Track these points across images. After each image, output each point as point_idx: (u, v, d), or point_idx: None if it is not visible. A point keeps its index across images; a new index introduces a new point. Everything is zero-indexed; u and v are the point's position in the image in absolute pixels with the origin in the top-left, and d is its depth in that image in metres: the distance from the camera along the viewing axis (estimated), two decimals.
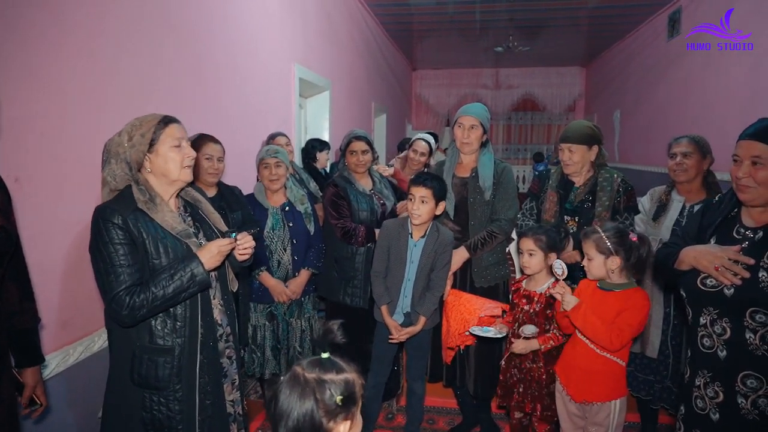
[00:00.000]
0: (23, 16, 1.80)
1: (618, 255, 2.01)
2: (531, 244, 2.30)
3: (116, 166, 1.61)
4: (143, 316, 1.54)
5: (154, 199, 1.63)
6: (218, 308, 1.77)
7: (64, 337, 2.03)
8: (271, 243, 2.77)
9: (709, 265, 1.59)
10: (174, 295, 1.56)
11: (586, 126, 2.56)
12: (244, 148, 3.44)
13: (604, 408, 2.08)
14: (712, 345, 1.62)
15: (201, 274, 1.58)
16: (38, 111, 1.85)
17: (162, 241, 1.60)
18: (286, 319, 2.83)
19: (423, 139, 3.87)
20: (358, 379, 1.14)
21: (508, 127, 12.05)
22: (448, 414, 3.08)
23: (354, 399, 1.12)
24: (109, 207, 1.56)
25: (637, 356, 2.70)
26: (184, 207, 1.79)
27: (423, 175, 2.48)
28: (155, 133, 1.61)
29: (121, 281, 1.52)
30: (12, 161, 1.75)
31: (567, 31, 8.14)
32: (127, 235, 1.55)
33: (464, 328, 2.46)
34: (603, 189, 2.50)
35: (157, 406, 1.61)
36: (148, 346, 1.61)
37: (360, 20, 6.58)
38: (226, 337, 1.80)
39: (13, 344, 1.54)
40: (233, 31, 3.32)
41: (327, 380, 1.10)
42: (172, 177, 1.65)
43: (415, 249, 2.49)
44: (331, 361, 1.15)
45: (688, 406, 1.71)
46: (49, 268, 1.93)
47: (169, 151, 1.63)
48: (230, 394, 1.81)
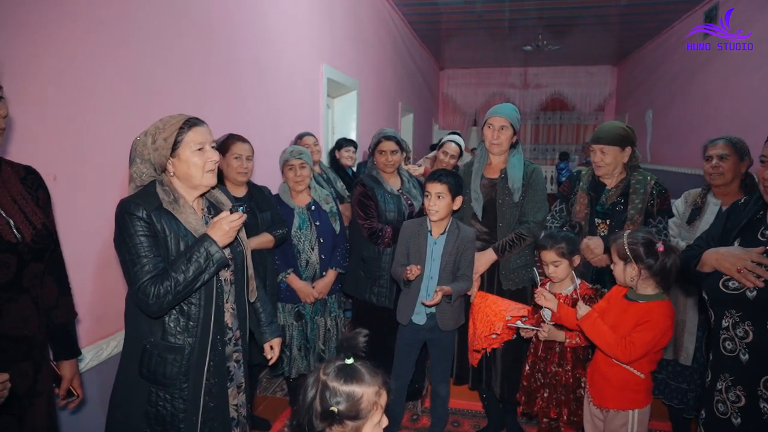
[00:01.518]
0: (54, 20, 1.85)
1: (637, 263, 1.91)
2: (554, 256, 2.27)
3: (141, 166, 1.62)
4: (169, 303, 1.55)
5: (177, 200, 1.63)
6: (230, 311, 1.76)
7: (99, 331, 2.08)
8: (298, 243, 2.79)
9: (731, 267, 1.57)
10: (194, 277, 1.55)
11: (619, 127, 2.50)
12: (273, 147, 3.47)
13: (621, 416, 2.02)
14: (734, 348, 1.60)
15: (217, 251, 1.57)
16: (71, 112, 1.91)
17: (184, 238, 1.61)
18: (314, 318, 2.85)
19: (454, 141, 3.84)
20: (373, 395, 1.14)
21: (536, 127, 11.90)
22: (473, 417, 3.05)
23: (353, 414, 1.12)
24: (133, 201, 1.57)
25: (670, 363, 2.63)
26: (208, 209, 1.78)
27: (438, 171, 2.48)
28: (178, 137, 1.59)
29: (145, 271, 1.53)
30: (50, 160, 1.80)
31: (598, 30, 7.99)
32: (151, 228, 1.56)
33: (490, 330, 2.44)
34: (636, 191, 2.45)
35: (162, 401, 1.62)
36: (160, 343, 1.61)
37: (387, 19, 6.58)
38: (236, 341, 1.79)
39: (51, 337, 1.59)
40: (261, 32, 3.35)
41: (331, 387, 1.13)
42: (195, 181, 1.64)
43: (435, 246, 2.48)
44: (352, 368, 1.15)
45: (710, 411, 1.69)
46: (83, 264, 1.99)
47: (191, 156, 1.60)
48: (234, 398, 1.80)
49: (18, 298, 1.38)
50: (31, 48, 1.74)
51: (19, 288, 1.38)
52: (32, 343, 1.43)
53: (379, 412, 1.15)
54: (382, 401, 1.16)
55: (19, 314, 1.38)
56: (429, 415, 3.02)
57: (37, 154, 1.73)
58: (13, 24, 1.67)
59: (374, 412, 1.14)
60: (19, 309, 1.38)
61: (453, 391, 3.04)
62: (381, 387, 1.16)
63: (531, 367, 2.41)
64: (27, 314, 1.41)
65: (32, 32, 1.74)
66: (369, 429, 1.14)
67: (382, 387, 1.17)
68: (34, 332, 1.43)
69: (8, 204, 1.40)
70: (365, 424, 1.13)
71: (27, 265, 1.39)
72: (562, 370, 2.30)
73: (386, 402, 1.18)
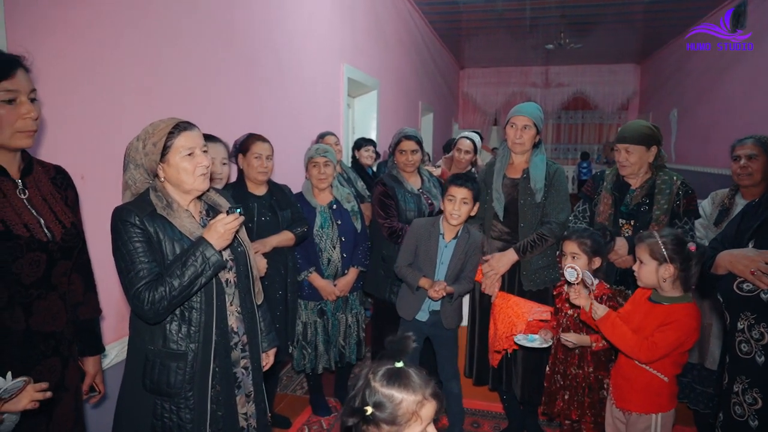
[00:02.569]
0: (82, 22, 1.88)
1: (672, 263, 1.87)
2: (575, 247, 2.23)
3: (135, 172, 1.60)
4: (165, 308, 1.51)
5: (171, 204, 1.60)
6: (234, 315, 1.71)
7: (123, 328, 2.11)
8: (320, 241, 2.80)
9: (745, 270, 1.56)
10: (190, 282, 1.52)
11: (645, 126, 2.46)
12: (293, 147, 3.50)
13: (643, 419, 1.99)
14: (749, 350, 1.59)
15: (213, 254, 1.53)
16: (97, 112, 1.95)
17: (179, 242, 1.58)
18: (336, 315, 2.87)
19: (467, 137, 3.86)
20: (413, 404, 1.09)
21: (557, 126, 11.78)
22: (493, 418, 3.03)
23: (390, 419, 1.08)
24: (126, 208, 1.55)
25: (695, 367, 2.59)
26: (207, 212, 1.75)
27: (462, 176, 2.47)
28: (167, 142, 1.56)
29: (140, 277, 1.50)
30: (78, 160, 1.84)
31: (621, 27, 7.87)
32: (145, 233, 1.54)
33: (512, 331, 2.42)
34: (661, 192, 2.40)
35: (168, 413, 1.57)
36: (161, 350, 1.58)
37: (408, 19, 6.58)
38: (242, 346, 1.73)
39: (76, 334, 1.62)
40: (283, 32, 3.38)
41: (372, 386, 1.11)
42: (186, 186, 1.61)
43: (446, 250, 2.50)
44: (399, 372, 1.12)
45: (727, 413, 1.68)
46: (109, 262, 2.02)
47: (181, 161, 1.57)
48: (243, 407, 1.73)
49: (47, 295, 1.41)
50: (60, 51, 1.77)
51: (48, 285, 1.41)
52: (60, 339, 1.46)
53: (419, 423, 1.09)
54: (424, 413, 1.09)
55: (48, 311, 1.41)
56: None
57: (66, 155, 1.77)
58: (43, 27, 1.71)
59: (413, 422, 1.09)
60: (48, 305, 1.41)
61: (473, 392, 3.04)
62: (426, 398, 1.10)
63: (551, 368, 2.39)
64: (55, 311, 1.44)
65: (61, 34, 1.78)
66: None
67: (429, 398, 1.11)
68: (61, 328, 1.46)
69: (39, 203, 1.43)
70: (403, 431, 1.09)
71: (56, 263, 1.43)
72: (582, 372, 2.28)
73: (432, 415, 1.12)
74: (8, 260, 1.31)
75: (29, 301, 1.37)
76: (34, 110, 1.35)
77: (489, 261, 2.56)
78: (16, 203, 1.37)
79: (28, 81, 1.35)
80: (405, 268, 2.55)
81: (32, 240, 1.36)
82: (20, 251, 1.33)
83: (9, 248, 1.31)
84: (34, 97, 1.37)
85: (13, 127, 1.33)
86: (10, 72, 1.30)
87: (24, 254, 1.34)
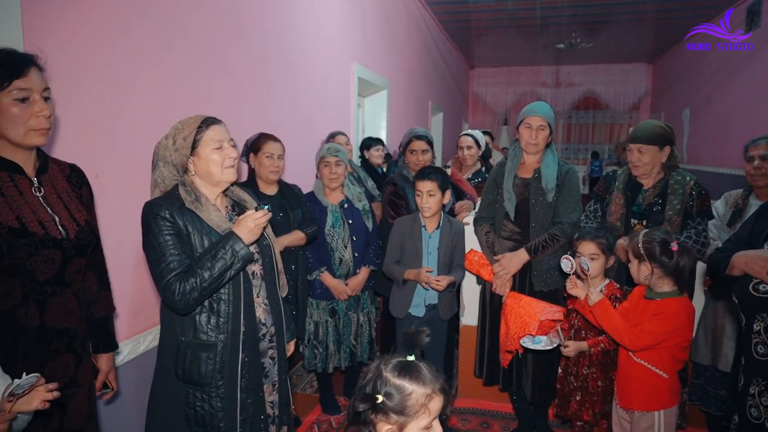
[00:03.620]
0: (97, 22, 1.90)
1: (649, 262, 1.93)
2: (594, 248, 2.23)
3: (164, 169, 1.67)
4: (195, 300, 1.58)
5: (199, 198, 1.66)
6: (262, 307, 1.77)
7: (136, 325, 2.13)
8: (332, 241, 2.81)
9: (761, 270, 1.55)
10: (220, 274, 1.58)
11: (658, 126, 2.44)
12: (304, 146, 3.51)
13: (647, 417, 2.00)
14: (766, 352, 1.58)
15: (242, 248, 1.60)
16: (112, 111, 1.96)
17: (207, 235, 1.64)
18: (347, 315, 2.87)
19: (466, 134, 3.91)
20: (423, 397, 1.12)
21: (568, 126, 11.71)
22: (503, 419, 3.02)
23: (398, 408, 1.11)
24: (156, 202, 1.62)
25: (708, 369, 2.56)
26: (232, 206, 1.81)
27: (424, 170, 2.57)
28: (197, 136, 1.63)
29: (171, 269, 1.56)
30: (93, 158, 1.86)
31: (633, 26, 7.81)
32: (175, 226, 1.60)
33: (524, 331, 2.41)
34: (674, 192, 2.38)
35: (200, 402, 1.64)
36: (192, 341, 1.64)
37: (418, 18, 6.57)
38: (270, 337, 1.80)
39: (90, 331, 1.63)
40: (294, 32, 3.39)
41: (384, 377, 1.13)
42: (215, 178, 1.67)
43: (431, 240, 2.58)
44: (411, 365, 1.15)
45: (743, 416, 1.66)
46: (123, 259, 2.04)
47: (210, 153, 1.64)
48: (270, 395, 1.81)
49: (61, 292, 1.42)
50: (75, 50, 1.79)
51: (62, 282, 1.43)
52: (74, 335, 1.47)
53: (427, 415, 1.12)
54: (432, 406, 1.12)
55: (62, 307, 1.43)
56: (458, 415, 3.01)
57: (80, 153, 1.79)
58: (59, 27, 1.73)
59: (422, 414, 1.11)
60: (62, 302, 1.43)
61: (483, 392, 3.03)
62: (436, 392, 1.13)
63: (564, 370, 2.39)
64: (69, 307, 1.45)
65: (76, 34, 1.79)
66: (415, 430, 1.12)
67: (438, 393, 1.13)
68: (75, 325, 1.48)
69: (54, 201, 1.45)
70: (410, 422, 1.12)
71: (70, 260, 1.44)
72: (590, 372, 2.28)
73: (440, 410, 1.14)
74: (23, 257, 1.32)
75: (43, 298, 1.38)
76: (47, 108, 1.36)
77: (500, 261, 2.55)
78: (32, 201, 1.39)
79: (41, 80, 1.37)
80: (391, 266, 2.61)
81: (47, 237, 1.37)
82: (35, 248, 1.34)
83: (24, 245, 1.32)
84: (47, 95, 1.39)
85: (27, 125, 1.34)
86: (24, 71, 1.32)
87: (39, 251, 1.35)
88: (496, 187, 2.64)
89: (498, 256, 2.58)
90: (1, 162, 1.36)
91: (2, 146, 1.36)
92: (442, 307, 2.60)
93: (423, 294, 2.59)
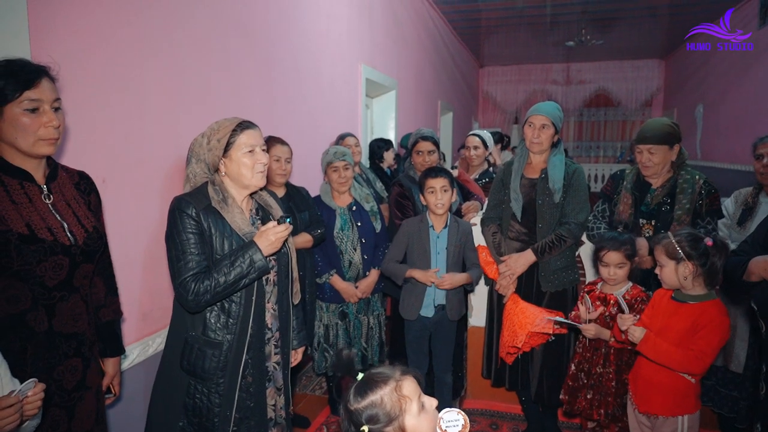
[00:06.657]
0: (104, 26, 1.92)
1: (690, 260, 1.85)
2: (621, 257, 2.22)
3: (196, 166, 1.73)
4: (207, 301, 1.62)
5: (226, 199, 1.71)
6: (271, 312, 1.81)
7: (144, 329, 2.16)
8: (341, 243, 2.81)
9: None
10: (235, 281, 1.62)
11: (666, 124, 2.41)
12: (311, 148, 3.52)
13: (669, 422, 1.96)
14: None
15: (260, 260, 1.64)
16: (121, 114, 1.98)
17: (228, 238, 1.68)
18: (358, 317, 2.88)
19: (474, 134, 3.91)
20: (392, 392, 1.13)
21: (579, 124, 11.58)
22: (512, 420, 3.01)
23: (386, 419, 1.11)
24: (185, 199, 1.66)
25: (720, 370, 2.53)
26: (256, 210, 1.85)
27: (433, 169, 2.58)
28: (230, 139, 1.68)
29: (189, 267, 1.61)
30: (100, 163, 1.88)
31: (645, 22, 7.72)
32: (199, 226, 1.65)
33: (513, 341, 2.43)
34: (683, 191, 2.36)
35: (199, 394, 1.70)
36: (200, 337, 1.69)
37: (426, 18, 6.55)
38: (275, 342, 1.84)
39: (98, 335, 1.65)
40: (301, 33, 3.40)
41: (353, 410, 1.14)
42: (245, 181, 1.72)
43: (439, 240, 2.58)
44: (364, 380, 1.17)
45: (765, 424, 1.64)
46: (130, 263, 2.06)
47: (242, 157, 1.68)
48: (272, 399, 1.85)
49: (69, 297, 1.45)
50: (81, 55, 1.81)
51: (70, 287, 1.45)
52: (82, 339, 1.50)
53: (410, 401, 1.13)
54: (406, 391, 1.14)
55: (71, 312, 1.45)
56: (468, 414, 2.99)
57: (87, 158, 1.81)
58: (65, 34, 1.75)
59: (404, 405, 1.13)
60: (71, 307, 1.45)
61: (492, 393, 3.03)
62: (398, 380, 1.15)
63: (576, 366, 2.37)
64: (77, 312, 1.47)
65: (83, 40, 1.82)
66: (413, 420, 1.13)
67: (401, 378, 1.15)
68: (83, 329, 1.50)
69: (63, 208, 1.47)
70: (404, 418, 1.12)
71: (78, 266, 1.46)
72: (605, 371, 2.26)
73: (417, 388, 1.16)
74: (32, 263, 1.35)
75: (52, 303, 1.40)
76: (56, 119, 1.39)
77: (506, 261, 2.54)
78: (41, 208, 1.42)
79: (52, 90, 1.39)
80: (391, 264, 2.61)
81: (56, 244, 1.40)
82: (44, 254, 1.37)
83: (33, 251, 1.35)
84: (57, 106, 1.41)
85: (36, 135, 1.36)
86: (35, 82, 1.35)
87: (47, 257, 1.38)
88: (503, 188, 2.63)
89: (504, 256, 2.57)
90: (12, 170, 1.39)
91: (13, 154, 1.39)
92: (450, 307, 2.60)
93: (432, 295, 2.58)
